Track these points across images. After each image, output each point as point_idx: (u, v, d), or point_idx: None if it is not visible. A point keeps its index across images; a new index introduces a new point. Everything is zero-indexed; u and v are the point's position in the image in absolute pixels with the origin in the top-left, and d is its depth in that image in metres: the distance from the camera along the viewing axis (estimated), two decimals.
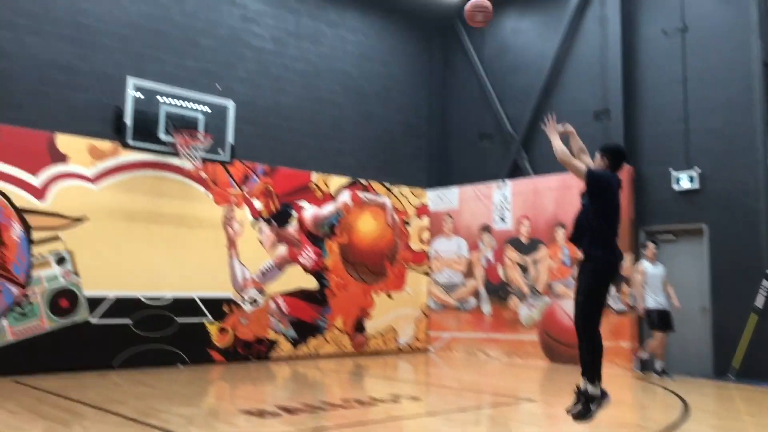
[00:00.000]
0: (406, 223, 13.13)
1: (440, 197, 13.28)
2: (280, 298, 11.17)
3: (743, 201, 9.64)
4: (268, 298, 11.01)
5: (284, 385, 8.87)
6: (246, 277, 10.79)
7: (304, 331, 11.40)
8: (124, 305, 9.46)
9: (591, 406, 5.07)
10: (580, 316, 5.17)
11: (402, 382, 9.24)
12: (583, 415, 5.10)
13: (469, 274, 12.62)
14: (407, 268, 13.02)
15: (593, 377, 5.09)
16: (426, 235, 13.36)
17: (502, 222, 12.22)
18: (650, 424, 6.46)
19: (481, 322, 12.30)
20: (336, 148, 12.38)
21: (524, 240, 11.88)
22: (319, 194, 11.86)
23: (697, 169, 10.08)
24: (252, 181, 11.00)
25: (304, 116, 11.94)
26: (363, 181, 12.54)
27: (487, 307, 12.27)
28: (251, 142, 11.02)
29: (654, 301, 9.60)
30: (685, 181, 10.19)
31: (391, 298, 12.67)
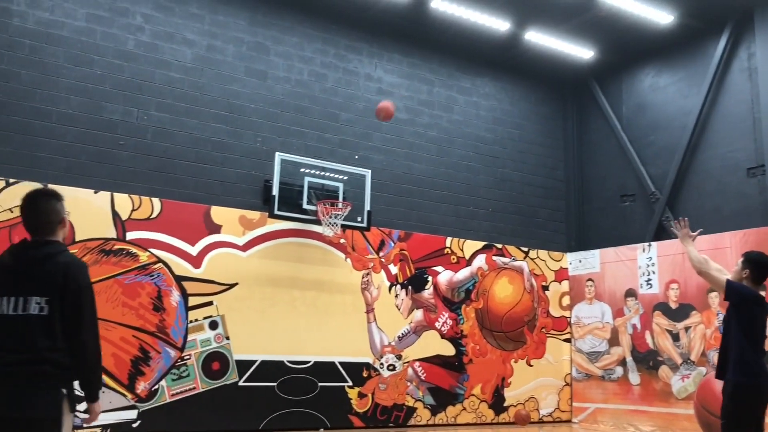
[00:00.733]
0: (545, 288, 12.77)
1: (580, 261, 12.84)
2: (418, 364, 11.14)
3: None
4: (406, 364, 11.02)
5: None
6: (384, 342, 10.89)
7: (441, 398, 11.24)
8: (270, 368, 9.83)
9: None
10: None
11: None
12: None
13: (613, 341, 11.97)
14: (547, 335, 12.58)
15: None
16: (566, 301, 12.90)
17: (649, 286, 11.57)
18: None
19: (629, 393, 11.55)
20: (470, 213, 12.40)
21: (673, 305, 11.15)
22: (453, 259, 11.86)
23: None
24: (388, 247, 11.23)
25: (438, 182, 12.11)
26: (498, 245, 12.41)
27: (635, 377, 11.52)
28: (387, 209, 11.31)
29: None
30: None
31: (530, 366, 12.26)
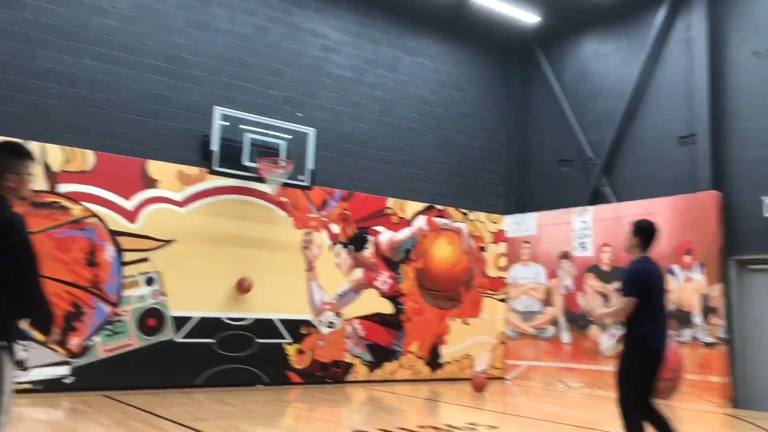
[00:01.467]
0: (483, 250, 13.03)
1: (518, 223, 13.12)
2: (357, 322, 11.27)
3: None
4: (345, 322, 11.13)
5: (360, 408, 8.91)
6: (324, 300, 10.95)
7: (379, 355, 11.43)
8: (208, 325, 9.77)
9: None
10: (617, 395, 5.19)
11: (479, 410, 9.10)
12: None
13: (547, 301, 12.37)
14: (483, 295, 12.89)
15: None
16: (503, 262, 13.21)
17: (583, 249, 11.95)
18: None
19: (560, 351, 12.01)
20: (412, 174, 12.47)
21: (605, 268, 11.57)
22: (395, 219, 11.95)
23: None
24: (330, 206, 11.21)
25: (382, 143, 12.11)
26: (439, 207, 12.56)
27: (566, 336, 11.98)
28: (330, 169, 11.26)
29: None
30: None
31: (466, 325, 12.57)
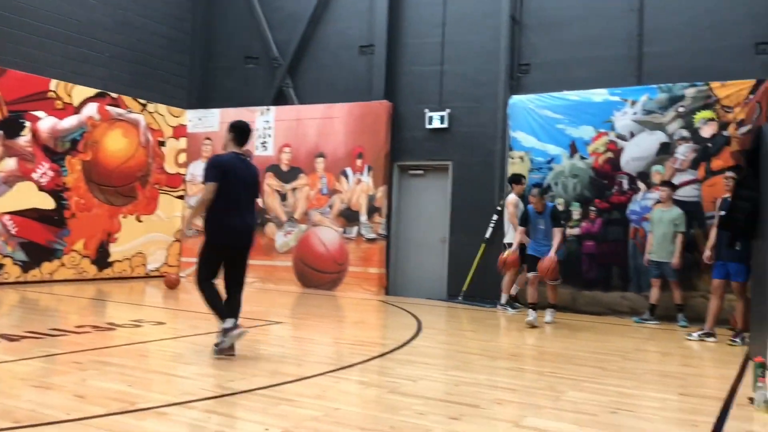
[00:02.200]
0: (162, 144, 12.34)
1: (200, 119, 12.65)
2: (8, 218, 9.92)
3: (483, 143, 10.54)
4: None
5: (9, 312, 7.95)
6: None
7: (36, 254, 10.28)
8: None
9: (224, 338, 5.39)
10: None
11: (147, 308, 8.79)
12: (217, 346, 5.43)
13: None
14: (160, 192, 12.31)
15: (218, 317, 5.46)
16: (183, 158, 12.70)
17: (264, 149, 12.03)
18: (389, 341, 6.90)
19: None
20: (83, 55, 11.11)
21: (284, 168, 11.85)
22: (59, 104, 10.60)
23: (448, 110, 10.77)
24: None
25: (45, 14, 10.48)
26: (113, 95, 11.46)
27: None
28: None
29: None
30: (437, 121, 10.82)
31: (140, 222, 11.93)
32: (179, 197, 12.64)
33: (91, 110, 11.09)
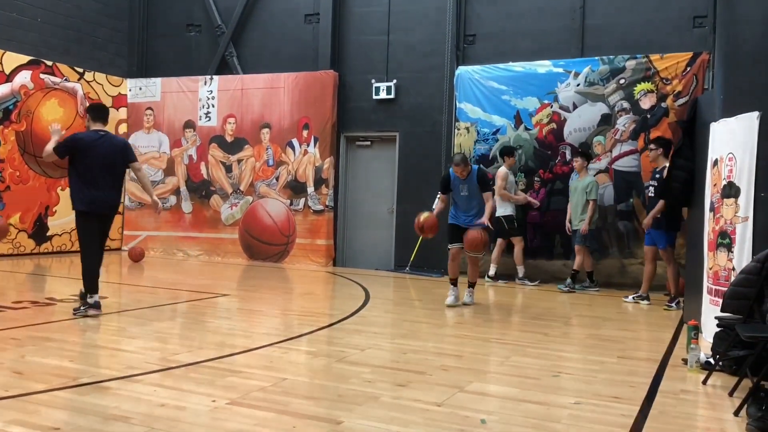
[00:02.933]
0: None
1: (141, 88, 12.27)
2: None
3: (430, 114, 10.56)
4: None
5: None
6: None
7: None
8: None
9: (87, 309, 5.96)
10: None
11: None
12: (77, 310, 5.98)
13: (169, 171, 12.03)
14: None
15: (86, 288, 6.04)
16: (123, 128, 12.32)
17: (207, 119, 11.78)
18: (337, 312, 6.93)
19: (181, 221, 11.93)
20: (13, 20, 10.60)
21: (229, 138, 11.64)
22: None
23: (394, 81, 10.73)
24: None
25: None
26: (48, 63, 10.99)
27: (187, 206, 11.90)
28: None
29: (504, 208, 9.30)
30: (383, 91, 10.77)
31: None
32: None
33: (24, 78, 10.63)
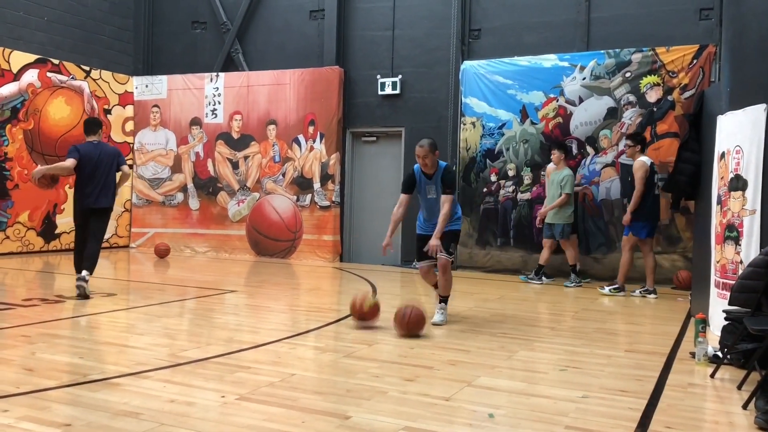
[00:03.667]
0: (108, 112, 11.99)
1: (147, 86, 12.31)
2: None
3: (435, 108, 10.55)
4: None
5: None
6: None
7: None
8: None
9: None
10: None
11: (98, 280, 8.61)
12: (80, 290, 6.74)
13: (176, 168, 12.08)
14: None
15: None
16: (130, 126, 12.38)
17: (214, 116, 11.81)
18: (344, 308, 6.94)
19: (188, 218, 11.98)
20: (20, 19, 10.65)
21: (235, 135, 11.67)
22: None
23: (400, 76, 10.72)
24: None
25: None
26: (55, 61, 11.04)
27: (194, 203, 11.94)
28: None
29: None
30: (389, 87, 10.77)
31: None
32: (128, 166, 12.29)
33: (31, 77, 10.68)
